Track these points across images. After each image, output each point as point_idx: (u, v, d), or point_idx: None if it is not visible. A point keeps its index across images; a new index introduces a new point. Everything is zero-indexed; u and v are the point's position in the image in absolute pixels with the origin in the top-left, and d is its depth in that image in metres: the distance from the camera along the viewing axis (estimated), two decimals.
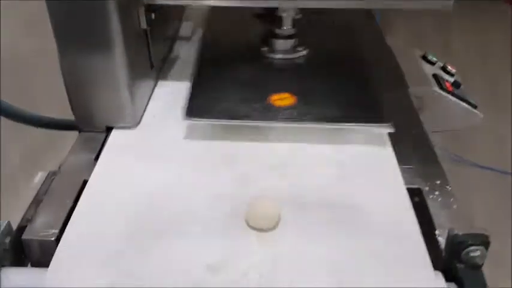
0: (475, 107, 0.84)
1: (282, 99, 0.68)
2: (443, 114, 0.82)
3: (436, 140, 0.70)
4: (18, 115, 0.73)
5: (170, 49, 0.87)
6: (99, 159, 0.63)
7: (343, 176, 0.60)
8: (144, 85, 0.73)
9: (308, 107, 0.66)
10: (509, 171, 1.82)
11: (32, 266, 0.53)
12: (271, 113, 0.66)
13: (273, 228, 0.53)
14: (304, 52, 0.80)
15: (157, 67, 0.78)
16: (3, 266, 0.49)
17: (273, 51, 0.80)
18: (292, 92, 0.69)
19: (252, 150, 0.64)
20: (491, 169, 1.84)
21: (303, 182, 0.59)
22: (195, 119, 0.65)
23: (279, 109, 0.66)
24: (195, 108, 0.66)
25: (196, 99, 0.69)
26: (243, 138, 0.65)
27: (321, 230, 0.53)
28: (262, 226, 0.52)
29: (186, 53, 0.87)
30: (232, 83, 0.73)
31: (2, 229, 0.49)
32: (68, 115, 0.70)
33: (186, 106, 0.67)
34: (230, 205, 0.55)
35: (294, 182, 0.59)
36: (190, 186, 0.58)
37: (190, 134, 0.66)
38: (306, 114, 0.65)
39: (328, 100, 0.68)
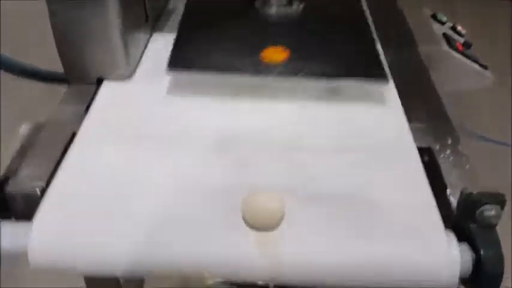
0: (485, 68, 0.80)
1: (276, 54, 0.64)
2: (453, 75, 0.78)
3: None
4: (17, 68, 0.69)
5: (166, 1, 0.82)
6: (90, 111, 0.59)
7: (349, 136, 0.57)
8: (138, 37, 0.68)
9: (303, 62, 0.62)
10: (509, 142, 1.79)
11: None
12: (263, 68, 0.61)
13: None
14: (301, 6, 0.75)
15: (152, 19, 0.74)
16: None
17: (267, 4, 0.75)
18: (287, 46, 0.64)
19: (244, 110, 0.60)
20: (492, 140, 1.81)
21: (303, 144, 0.55)
22: (179, 70, 0.61)
23: (272, 64, 0.62)
24: (179, 60, 0.62)
25: (181, 50, 0.64)
26: (234, 96, 0.61)
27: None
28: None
29: (183, 6, 0.82)
30: (222, 35, 0.68)
31: None
32: (57, 68, 0.66)
33: (169, 57, 0.62)
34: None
35: (294, 144, 0.55)
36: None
37: (176, 89, 0.62)
38: (301, 69, 0.60)
39: (325, 55, 0.64)
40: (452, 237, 0.46)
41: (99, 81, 0.63)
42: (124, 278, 0.49)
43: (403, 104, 0.61)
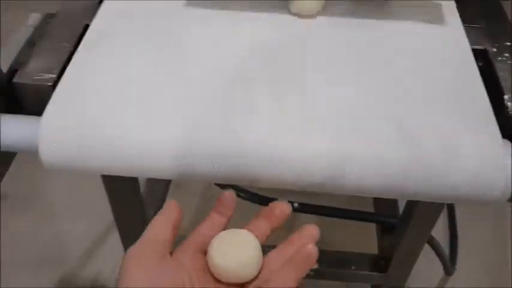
0: None
1: None
2: None
3: None
4: None
5: None
6: (103, 4, 0.53)
7: (400, 32, 0.50)
8: None
9: None
10: None
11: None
12: None
13: None
14: None
15: None
16: None
17: None
18: None
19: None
20: None
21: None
22: None
23: None
24: None
25: None
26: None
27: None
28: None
29: None
30: None
31: None
32: None
33: None
34: None
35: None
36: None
37: None
38: None
39: None
40: (508, 145, 0.41)
41: None
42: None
43: (457, 2, 0.54)
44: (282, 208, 0.39)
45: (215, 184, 0.59)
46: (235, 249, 0.36)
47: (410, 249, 0.69)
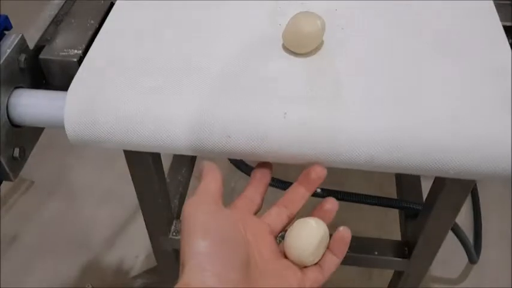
0: None
1: None
2: None
3: None
4: None
5: None
6: None
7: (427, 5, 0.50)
8: None
9: None
10: None
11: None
12: None
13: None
14: None
15: None
16: (20, 87, 0.43)
17: None
18: None
19: None
20: None
21: None
22: None
23: None
24: None
25: None
26: None
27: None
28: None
29: None
30: None
31: (14, 43, 0.42)
32: None
33: None
34: None
35: None
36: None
37: None
38: None
39: None
40: None
41: None
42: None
43: None
44: (317, 171, 0.41)
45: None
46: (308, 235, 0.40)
47: (434, 236, 0.68)
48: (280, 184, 0.77)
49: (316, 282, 0.40)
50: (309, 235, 0.40)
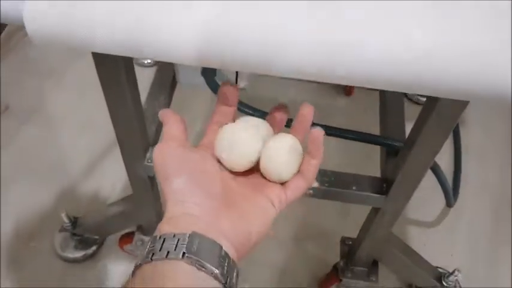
0: None
1: None
2: None
3: None
4: None
5: None
6: None
7: None
8: None
9: None
10: None
11: None
12: None
13: None
14: None
15: None
16: None
17: None
18: None
19: None
20: None
21: None
22: None
23: None
24: None
25: None
26: None
27: None
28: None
29: None
30: None
31: None
32: None
33: None
34: None
35: None
36: None
37: None
38: None
39: None
40: None
41: None
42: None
43: None
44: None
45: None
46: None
47: (412, 173, 0.67)
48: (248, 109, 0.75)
49: (298, 189, 0.40)
50: (280, 153, 0.39)
